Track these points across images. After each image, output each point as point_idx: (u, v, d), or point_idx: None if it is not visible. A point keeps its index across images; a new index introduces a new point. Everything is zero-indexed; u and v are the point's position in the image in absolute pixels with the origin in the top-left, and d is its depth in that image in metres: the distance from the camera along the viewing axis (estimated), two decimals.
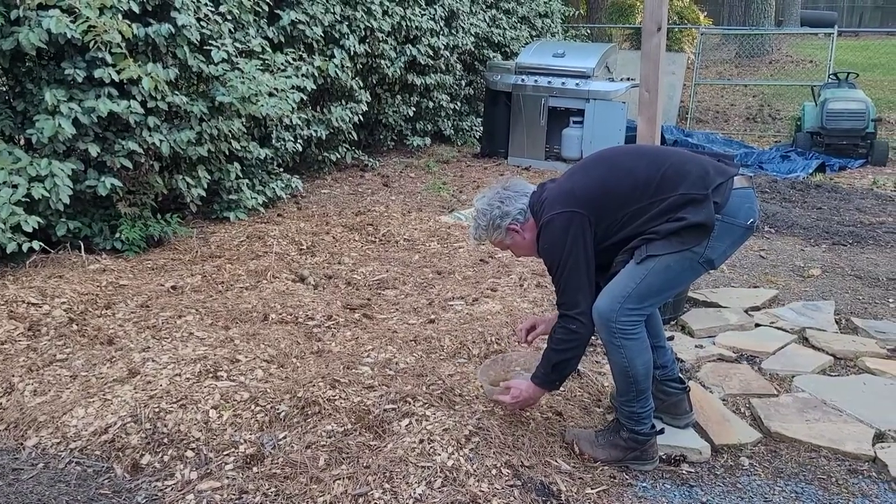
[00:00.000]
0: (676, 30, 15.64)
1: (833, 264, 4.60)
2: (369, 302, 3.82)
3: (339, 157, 7.08)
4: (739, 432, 2.71)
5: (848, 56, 16.19)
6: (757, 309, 3.89)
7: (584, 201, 2.33)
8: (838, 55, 13.75)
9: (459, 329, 3.41)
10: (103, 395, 2.70)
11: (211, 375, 2.82)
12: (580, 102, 7.87)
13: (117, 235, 4.38)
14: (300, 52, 5.83)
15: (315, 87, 5.98)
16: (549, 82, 8.07)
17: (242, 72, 4.77)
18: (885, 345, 3.43)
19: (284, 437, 2.47)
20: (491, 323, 3.50)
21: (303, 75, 5.64)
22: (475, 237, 2.54)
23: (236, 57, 4.86)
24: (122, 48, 3.90)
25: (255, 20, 5.32)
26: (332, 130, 6.62)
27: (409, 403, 2.65)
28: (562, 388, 2.96)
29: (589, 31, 14.51)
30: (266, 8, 5.40)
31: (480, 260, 4.57)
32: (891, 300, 4.02)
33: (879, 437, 2.67)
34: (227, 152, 5.11)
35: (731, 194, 2.29)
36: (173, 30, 4.32)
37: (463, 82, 9.33)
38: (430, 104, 8.52)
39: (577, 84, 7.91)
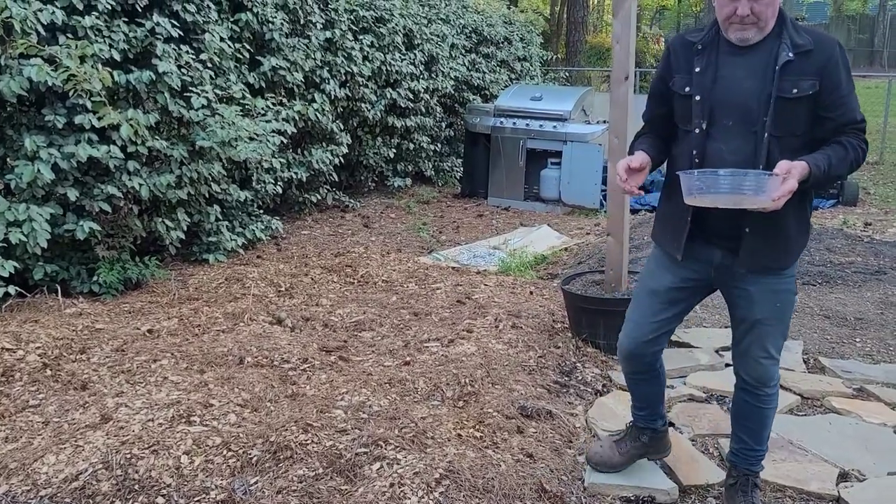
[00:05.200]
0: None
1: (802, 304, 4.69)
2: (346, 344, 3.85)
3: (319, 198, 7.16)
4: (708, 473, 2.74)
5: None
6: (728, 349, 3.95)
7: None
8: None
9: (434, 371, 3.44)
10: (75, 441, 2.70)
11: (184, 420, 2.83)
12: (557, 144, 8.03)
13: (95, 278, 4.40)
14: (281, 97, 5.93)
15: (296, 130, 6.08)
16: (528, 125, 8.24)
17: (223, 117, 4.86)
18: (850, 384, 3.50)
19: (256, 483, 2.48)
20: (465, 365, 3.53)
21: (283, 119, 5.74)
22: None
23: (216, 103, 4.94)
24: (101, 96, 3.97)
25: (235, 66, 5.43)
26: (312, 172, 6.70)
27: (381, 447, 2.67)
28: (533, 430, 3.00)
29: (567, 74, 14.82)
30: (247, 55, 5.51)
31: (457, 301, 4.62)
32: (857, 340, 4.10)
33: (843, 477, 2.72)
34: (207, 195, 5.16)
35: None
36: (154, 77, 4.40)
37: (443, 124, 9.49)
38: (411, 146, 8.65)
39: (554, 126, 8.08)
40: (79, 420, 2.85)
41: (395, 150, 8.36)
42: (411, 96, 8.16)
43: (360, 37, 7.15)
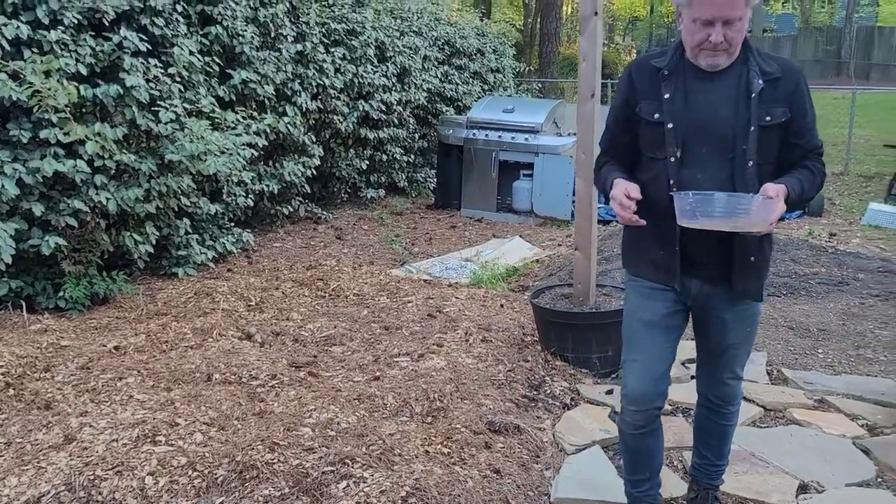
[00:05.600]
0: None
1: (767, 315, 4.77)
2: (315, 359, 3.84)
3: (291, 210, 7.14)
4: (671, 486, 2.78)
5: None
6: (693, 361, 4.01)
7: None
8: None
9: (403, 386, 3.45)
10: (38, 462, 2.66)
11: (149, 440, 2.80)
12: (529, 156, 8.10)
13: (61, 294, 4.35)
14: (251, 111, 5.92)
15: (267, 143, 6.07)
16: (500, 137, 8.31)
17: (192, 131, 4.83)
18: (812, 395, 3.57)
19: (221, 503, 2.47)
20: (435, 380, 3.55)
21: (254, 132, 5.73)
22: None
23: (185, 117, 4.92)
24: (66, 111, 3.94)
25: (205, 80, 5.41)
26: (284, 184, 6.69)
27: (348, 465, 2.67)
28: (501, 445, 3.02)
29: (540, 85, 14.94)
30: (217, 68, 5.50)
31: (428, 314, 4.63)
32: (820, 351, 4.19)
33: (803, 489, 2.77)
34: (177, 208, 5.13)
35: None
36: (122, 91, 4.37)
37: (416, 135, 9.52)
38: (384, 157, 8.67)
39: (526, 138, 8.15)
40: (42, 441, 2.81)
41: (368, 162, 8.37)
42: (384, 108, 8.18)
43: (332, 49, 7.16)
